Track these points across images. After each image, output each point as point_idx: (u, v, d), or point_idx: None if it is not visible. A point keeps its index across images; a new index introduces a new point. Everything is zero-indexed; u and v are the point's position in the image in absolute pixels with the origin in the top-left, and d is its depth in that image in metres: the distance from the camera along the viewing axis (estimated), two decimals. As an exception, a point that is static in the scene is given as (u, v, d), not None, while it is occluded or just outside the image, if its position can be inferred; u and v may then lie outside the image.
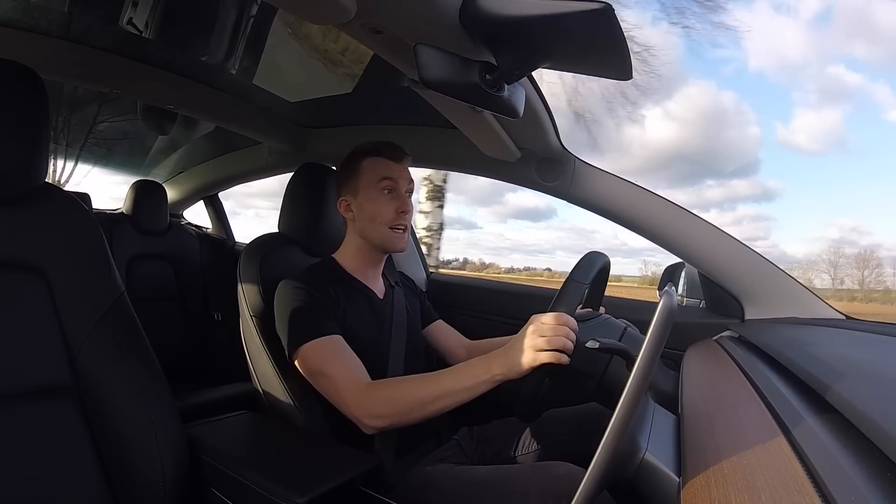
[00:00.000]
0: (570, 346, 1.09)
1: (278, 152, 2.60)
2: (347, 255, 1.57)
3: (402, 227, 1.50)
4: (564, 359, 1.08)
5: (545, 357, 1.08)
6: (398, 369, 1.46)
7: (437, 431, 1.53)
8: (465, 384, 1.17)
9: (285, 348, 1.35)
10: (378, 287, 1.61)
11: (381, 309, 1.56)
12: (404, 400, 1.20)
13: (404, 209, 1.49)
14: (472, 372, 1.17)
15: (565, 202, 1.79)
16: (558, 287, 1.22)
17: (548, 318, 1.11)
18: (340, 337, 1.33)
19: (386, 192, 1.48)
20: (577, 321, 1.25)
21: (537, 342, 1.09)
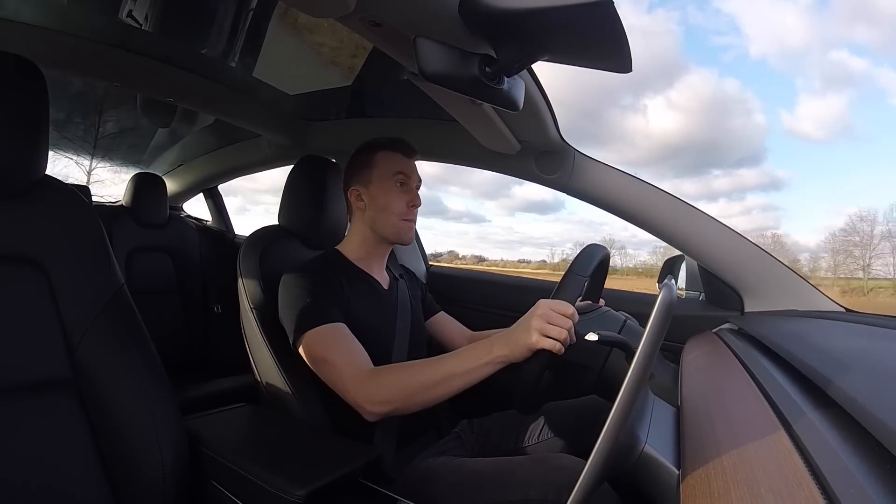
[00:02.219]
0: (569, 338, 1.10)
1: (278, 145, 2.60)
2: (352, 246, 1.58)
3: (412, 220, 1.53)
4: (561, 350, 1.09)
5: (546, 343, 1.08)
6: (401, 360, 1.46)
7: (437, 424, 1.53)
8: (467, 366, 1.17)
9: (289, 336, 1.35)
10: (383, 278, 1.62)
11: (386, 299, 1.57)
12: (407, 385, 1.20)
13: (415, 203, 1.53)
14: (475, 354, 1.17)
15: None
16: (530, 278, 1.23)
17: (556, 306, 1.11)
18: (344, 325, 1.33)
19: (399, 184, 1.51)
20: (577, 313, 1.26)
21: (544, 326, 1.09)
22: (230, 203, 3.63)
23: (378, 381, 1.23)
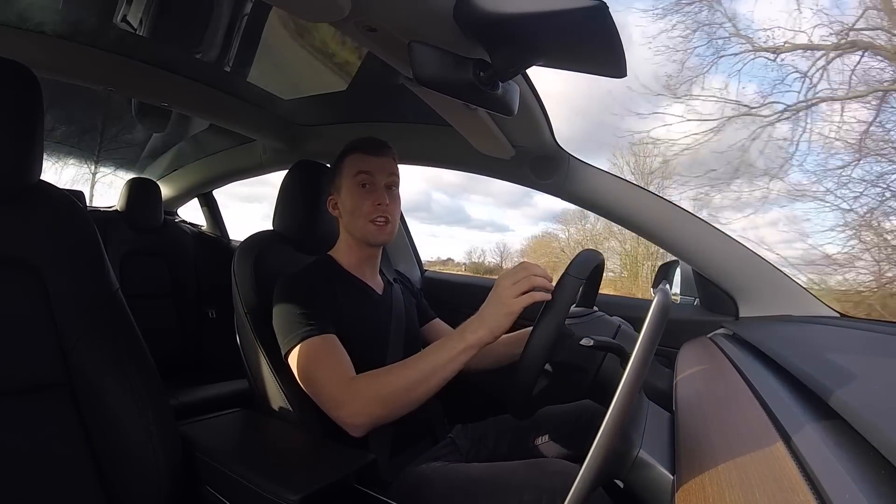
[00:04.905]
0: (544, 281, 1.16)
1: (272, 150, 2.59)
2: (343, 252, 1.58)
3: (382, 220, 1.50)
4: (544, 296, 1.14)
5: (525, 300, 1.13)
6: None
7: (432, 430, 1.53)
8: (444, 358, 1.18)
9: (281, 350, 1.35)
10: (376, 283, 1.61)
11: (380, 305, 1.56)
12: (387, 392, 1.20)
13: (379, 201, 1.48)
14: (449, 345, 1.19)
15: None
16: None
17: (510, 271, 1.18)
18: (332, 336, 1.33)
19: (363, 186, 1.49)
20: (572, 318, 1.26)
21: (509, 291, 1.14)
22: (257, 210, 3.63)
23: (357, 395, 1.22)
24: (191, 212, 3.70)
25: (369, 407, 1.20)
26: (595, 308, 1.48)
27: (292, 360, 1.32)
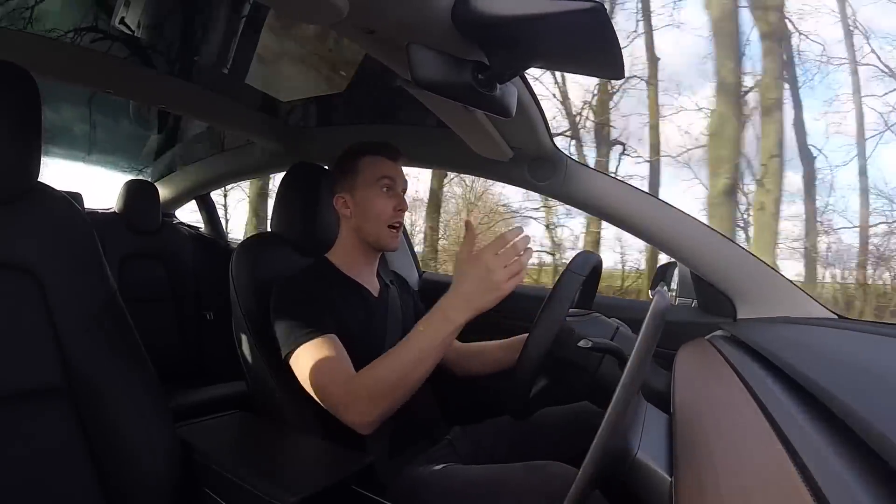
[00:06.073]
0: (525, 261, 1.15)
1: (270, 152, 2.59)
2: (341, 254, 1.57)
3: (398, 226, 1.52)
4: (522, 277, 1.15)
5: (516, 283, 1.14)
6: None
7: (429, 431, 1.52)
8: (432, 342, 1.19)
9: (281, 352, 1.35)
10: (373, 285, 1.61)
11: (376, 307, 1.56)
12: (385, 384, 1.20)
13: (401, 207, 1.51)
14: (435, 327, 1.20)
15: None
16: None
17: (493, 246, 1.16)
18: (333, 336, 1.32)
19: (384, 189, 1.50)
20: (570, 319, 1.26)
21: (500, 274, 1.13)
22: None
23: (358, 394, 1.22)
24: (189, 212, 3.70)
25: (372, 402, 1.21)
26: (591, 310, 1.48)
27: (294, 363, 1.32)
